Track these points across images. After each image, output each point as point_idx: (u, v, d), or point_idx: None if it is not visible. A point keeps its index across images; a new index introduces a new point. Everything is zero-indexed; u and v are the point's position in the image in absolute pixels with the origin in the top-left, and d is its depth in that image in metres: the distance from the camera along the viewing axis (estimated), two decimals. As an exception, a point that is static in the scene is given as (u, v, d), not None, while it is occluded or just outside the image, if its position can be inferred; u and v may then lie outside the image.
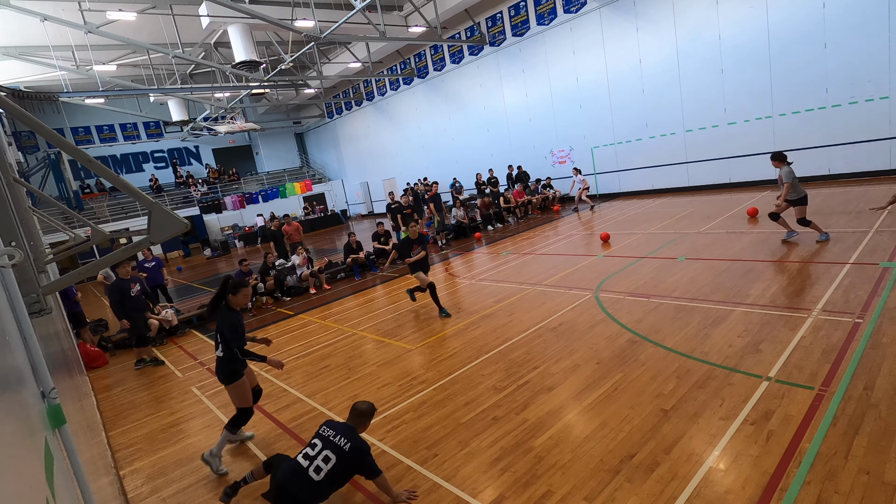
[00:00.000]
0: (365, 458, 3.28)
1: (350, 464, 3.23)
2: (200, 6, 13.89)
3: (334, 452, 3.22)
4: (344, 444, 3.25)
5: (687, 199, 14.13)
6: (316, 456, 3.24)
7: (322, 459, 3.21)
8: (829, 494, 2.80)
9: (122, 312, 7.66)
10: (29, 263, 2.22)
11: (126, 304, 7.63)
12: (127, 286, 7.64)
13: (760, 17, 12.60)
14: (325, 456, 3.22)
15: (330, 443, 3.28)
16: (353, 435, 3.32)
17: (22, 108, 2.41)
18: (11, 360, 1.37)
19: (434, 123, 23.64)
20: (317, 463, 3.20)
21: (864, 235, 7.54)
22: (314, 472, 3.17)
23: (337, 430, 3.35)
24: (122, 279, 7.66)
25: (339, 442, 3.27)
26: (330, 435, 3.32)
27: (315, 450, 3.28)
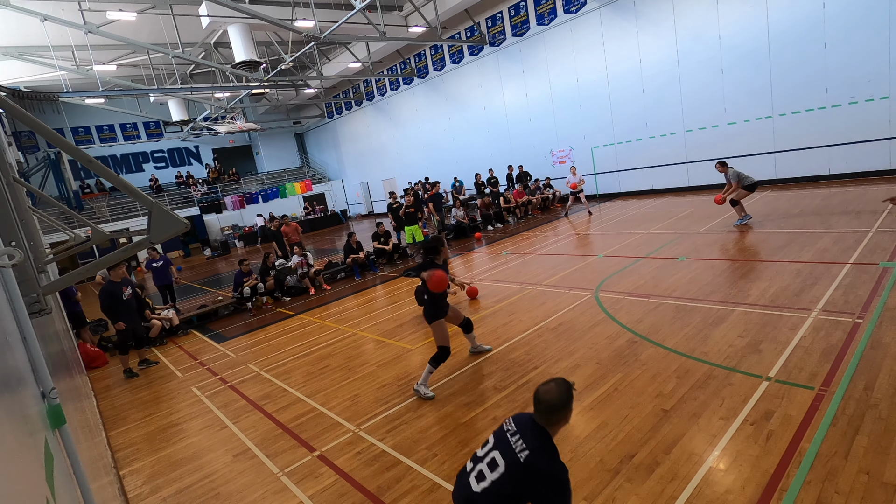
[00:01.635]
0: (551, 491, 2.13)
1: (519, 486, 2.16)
2: (200, 6, 13.89)
3: (504, 457, 2.22)
4: (521, 449, 2.20)
5: (687, 199, 14.13)
6: (483, 457, 2.33)
7: (488, 464, 2.26)
8: (829, 494, 2.80)
9: (115, 316, 7.41)
10: (29, 263, 2.22)
11: (117, 308, 7.36)
12: (119, 290, 7.34)
13: (760, 16, 12.60)
14: (492, 460, 2.26)
15: (504, 442, 2.28)
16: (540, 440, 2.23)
17: (22, 108, 2.41)
18: (11, 360, 1.37)
19: (434, 123, 23.65)
20: (480, 467, 2.29)
21: (864, 235, 7.54)
22: (475, 479, 2.28)
23: (520, 426, 2.32)
24: (114, 282, 7.36)
25: (515, 445, 2.23)
26: (509, 430, 2.33)
27: (484, 448, 2.37)
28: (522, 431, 2.28)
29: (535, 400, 2.29)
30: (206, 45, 18.34)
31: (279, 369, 6.58)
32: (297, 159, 35.19)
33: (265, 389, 5.98)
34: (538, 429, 2.26)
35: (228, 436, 4.98)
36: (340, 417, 4.88)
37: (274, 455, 4.41)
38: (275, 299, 10.95)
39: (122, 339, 7.56)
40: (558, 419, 2.27)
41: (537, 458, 2.16)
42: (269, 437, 4.77)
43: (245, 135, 31.91)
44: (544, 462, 2.16)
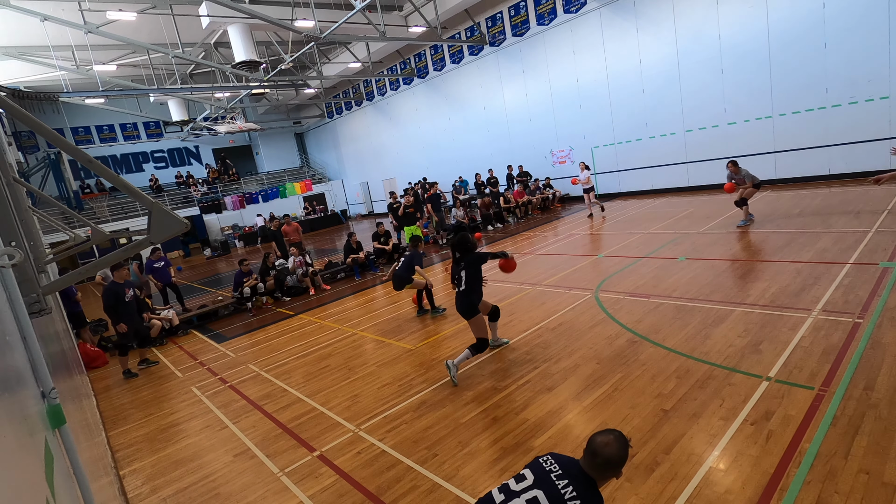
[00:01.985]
0: None
1: None
2: (200, 6, 13.89)
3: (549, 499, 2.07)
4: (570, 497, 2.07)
5: (687, 199, 14.13)
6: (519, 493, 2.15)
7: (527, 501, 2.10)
8: (829, 494, 2.80)
9: (117, 317, 7.45)
10: (29, 263, 2.22)
11: (120, 308, 7.42)
12: (122, 290, 7.41)
13: (760, 16, 12.60)
14: (534, 499, 2.10)
15: (547, 482, 2.14)
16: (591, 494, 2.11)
17: (22, 108, 2.41)
18: (11, 360, 1.37)
19: (434, 123, 23.64)
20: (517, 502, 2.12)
21: (864, 235, 7.54)
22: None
23: (566, 469, 2.17)
24: (117, 283, 7.44)
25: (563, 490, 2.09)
26: (552, 471, 2.18)
27: (521, 484, 2.18)
28: (571, 477, 2.14)
29: (591, 451, 2.14)
30: (206, 45, 18.34)
31: (279, 369, 6.58)
32: (297, 159, 35.19)
33: (265, 389, 5.98)
34: (589, 480, 2.13)
35: (228, 436, 4.98)
36: (340, 417, 4.88)
37: (274, 455, 4.41)
38: (275, 299, 10.95)
39: (123, 341, 7.58)
40: (611, 475, 2.14)
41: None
42: (269, 437, 4.77)
43: (245, 135, 31.91)
44: None
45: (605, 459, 2.10)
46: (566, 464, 2.19)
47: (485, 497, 2.26)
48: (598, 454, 2.11)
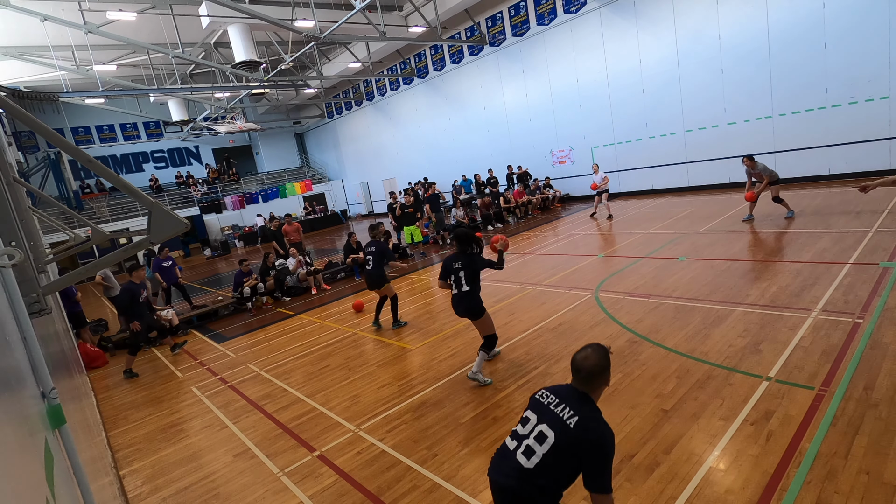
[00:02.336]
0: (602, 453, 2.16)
1: (575, 453, 2.16)
2: (200, 6, 13.89)
3: (553, 427, 2.21)
4: (569, 416, 2.21)
5: (687, 199, 14.13)
6: (528, 434, 2.28)
7: (535, 438, 2.23)
8: (829, 494, 2.80)
9: (132, 316, 7.62)
10: (29, 263, 2.22)
11: (134, 308, 7.64)
12: (139, 290, 7.68)
13: (760, 17, 12.60)
14: (540, 433, 2.22)
15: (548, 413, 2.27)
16: (587, 406, 2.25)
17: (22, 108, 2.41)
18: (11, 360, 1.37)
19: (434, 123, 23.64)
20: (527, 443, 2.24)
21: (864, 235, 7.54)
22: (524, 455, 2.23)
23: (561, 395, 2.32)
24: (135, 283, 7.68)
25: (562, 413, 2.23)
26: (550, 402, 2.32)
27: (527, 425, 2.31)
28: (567, 400, 2.29)
29: (575, 368, 2.32)
30: (206, 45, 18.34)
31: (279, 369, 6.58)
32: (297, 159, 35.19)
33: (265, 389, 5.98)
34: (582, 395, 2.29)
35: (228, 436, 4.98)
36: (340, 417, 4.88)
37: (274, 455, 4.41)
38: (275, 299, 10.95)
39: (135, 339, 7.71)
40: (600, 383, 2.30)
41: (588, 423, 2.18)
42: (269, 437, 4.77)
43: (245, 135, 31.92)
44: (595, 425, 2.18)
45: (588, 371, 2.27)
46: (559, 390, 2.36)
47: (501, 449, 2.37)
48: (582, 369, 2.29)
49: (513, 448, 2.29)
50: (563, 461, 2.16)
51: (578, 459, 2.16)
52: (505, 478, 2.25)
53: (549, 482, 2.16)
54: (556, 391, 2.37)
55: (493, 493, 2.36)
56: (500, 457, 2.34)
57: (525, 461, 2.20)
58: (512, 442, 2.33)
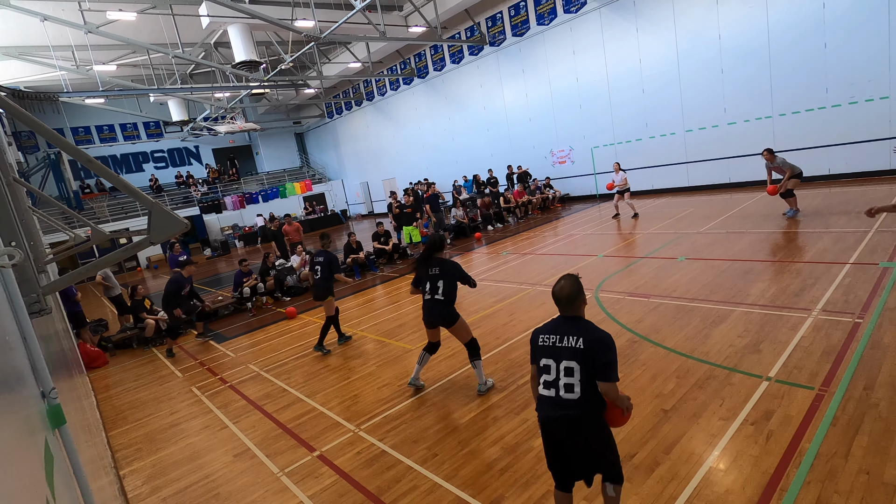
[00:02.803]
0: (609, 352, 2.51)
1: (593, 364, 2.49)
2: (200, 6, 13.89)
3: (572, 358, 2.51)
4: (576, 340, 2.52)
5: (687, 199, 14.13)
6: (558, 376, 2.54)
7: (565, 374, 2.52)
8: (829, 494, 2.80)
9: (175, 305, 8.17)
10: (29, 263, 2.22)
11: (177, 299, 8.21)
12: (185, 285, 8.32)
13: (760, 17, 12.60)
14: (567, 369, 2.52)
15: (560, 350, 2.56)
16: (581, 323, 2.59)
17: (22, 108, 2.41)
18: (11, 360, 1.37)
19: (434, 123, 23.64)
20: (562, 382, 2.51)
21: (864, 235, 7.54)
22: (565, 391, 2.50)
23: (558, 330, 2.61)
24: (183, 277, 8.30)
25: (570, 342, 2.53)
26: (555, 342, 2.59)
27: (551, 371, 2.57)
28: (564, 330, 2.62)
29: (557, 299, 2.67)
30: (206, 45, 18.33)
31: (279, 369, 6.58)
32: (297, 159, 35.19)
33: (265, 389, 5.98)
34: (572, 318, 2.64)
35: (228, 436, 4.98)
36: (340, 417, 4.88)
37: (274, 455, 4.41)
38: (275, 299, 10.94)
39: (176, 325, 8.36)
40: (579, 304, 2.65)
41: (589, 335, 2.55)
42: (269, 437, 4.77)
43: (245, 135, 31.92)
44: (594, 334, 2.56)
45: (567, 297, 2.63)
46: (553, 327, 2.68)
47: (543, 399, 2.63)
48: (562, 297, 2.65)
49: (554, 393, 2.55)
50: (590, 380, 2.50)
51: (596, 371, 2.49)
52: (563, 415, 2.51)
53: (591, 396, 2.50)
54: (551, 329, 2.68)
55: (552, 434, 2.62)
56: (548, 404, 2.58)
57: (571, 395, 2.50)
58: (549, 390, 2.58)
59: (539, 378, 2.65)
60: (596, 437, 2.55)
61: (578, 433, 2.52)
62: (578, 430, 2.52)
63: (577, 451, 2.57)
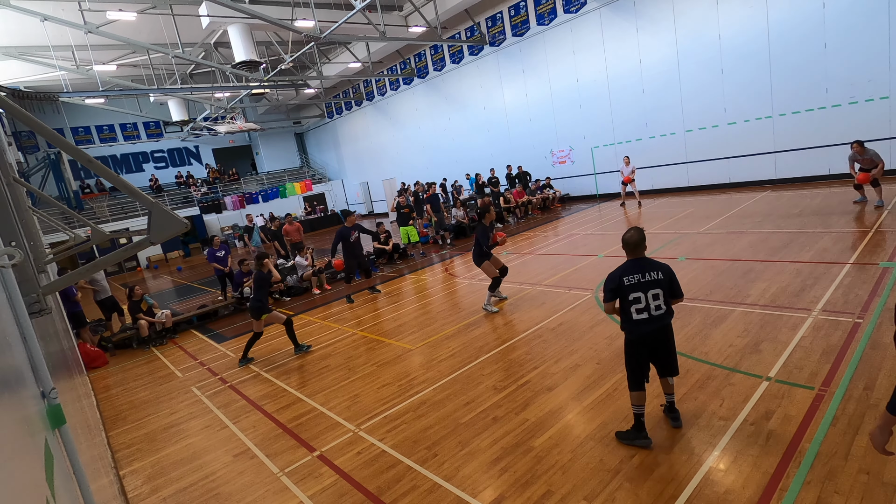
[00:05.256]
0: (673, 274, 3.51)
1: (671, 287, 3.47)
2: (200, 6, 13.89)
3: (657, 287, 3.41)
4: (657, 272, 3.44)
5: (687, 199, 14.14)
6: (649, 302, 3.40)
7: (653, 298, 3.40)
8: (829, 494, 2.80)
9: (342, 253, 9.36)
10: (29, 263, 2.23)
11: (345, 246, 9.26)
12: (349, 233, 9.30)
13: (760, 17, 12.60)
14: (654, 295, 3.40)
15: (646, 284, 3.41)
16: (652, 262, 3.50)
17: (22, 108, 2.41)
18: (11, 360, 1.37)
19: (434, 123, 23.64)
20: (654, 305, 3.41)
21: (865, 235, 7.54)
22: (657, 309, 3.41)
23: (639, 268, 3.45)
24: (347, 227, 9.34)
25: (654, 275, 3.43)
26: (640, 279, 3.42)
27: (642, 301, 3.41)
28: (643, 268, 3.45)
29: (630, 244, 3.51)
30: (206, 45, 18.33)
31: (279, 369, 6.58)
32: (297, 159, 35.20)
33: (265, 389, 5.98)
34: (643, 258, 3.52)
35: (228, 436, 4.98)
36: (340, 417, 4.88)
37: (274, 455, 4.41)
38: (275, 299, 10.94)
39: (349, 271, 9.64)
40: (644, 247, 3.53)
41: (665, 268, 3.50)
42: (269, 437, 4.77)
43: (245, 135, 31.91)
44: (663, 265, 3.51)
45: (636, 243, 3.50)
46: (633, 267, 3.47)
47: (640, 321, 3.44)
48: (632, 243, 3.51)
49: (647, 315, 3.43)
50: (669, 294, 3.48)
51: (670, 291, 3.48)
52: (660, 323, 3.44)
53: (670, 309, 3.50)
54: (631, 269, 3.47)
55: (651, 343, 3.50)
56: (645, 323, 3.44)
57: (660, 311, 3.44)
58: (642, 314, 3.44)
59: (630, 308, 3.44)
60: (673, 337, 3.58)
61: (668, 337, 3.52)
62: (668, 334, 3.51)
63: (666, 351, 3.53)
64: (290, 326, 7.02)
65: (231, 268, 11.22)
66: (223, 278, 11.09)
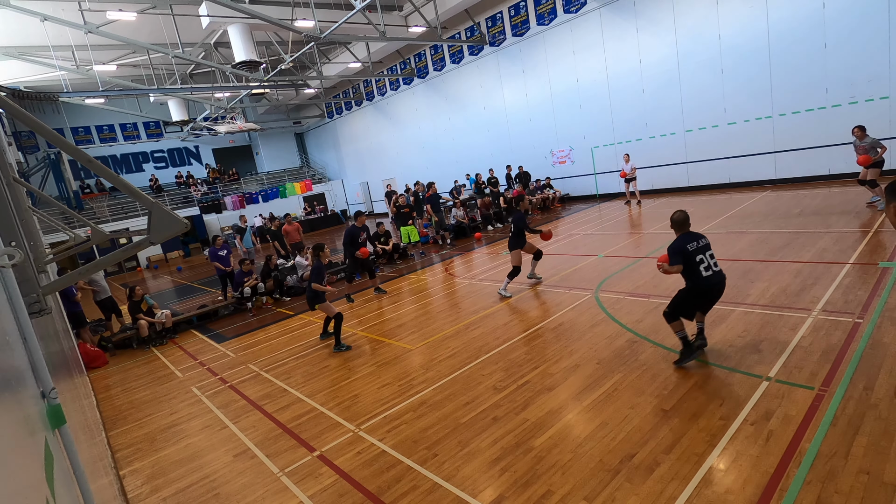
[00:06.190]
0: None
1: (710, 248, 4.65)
2: (200, 6, 13.89)
3: (709, 248, 4.57)
4: (704, 241, 4.57)
5: (687, 199, 14.13)
6: (711, 262, 4.50)
7: (710, 257, 4.54)
8: (829, 494, 2.80)
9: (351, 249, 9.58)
10: (29, 263, 2.22)
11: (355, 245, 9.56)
12: (358, 233, 9.68)
13: (760, 17, 12.60)
14: (710, 255, 4.54)
15: (704, 248, 4.53)
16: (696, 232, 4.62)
17: (22, 108, 2.41)
18: (11, 360, 1.37)
19: (434, 123, 23.64)
20: (712, 262, 4.52)
21: (864, 235, 7.55)
22: (715, 266, 4.53)
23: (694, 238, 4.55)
24: (357, 227, 9.73)
25: (704, 242, 4.56)
26: (699, 244, 4.52)
27: (706, 261, 4.48)
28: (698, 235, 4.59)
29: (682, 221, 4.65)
30: (206, 45, 18.34)
31: (279, 369, 6.58)
32: (297, 159, 35.19)
33: (265, 389, 5.98)
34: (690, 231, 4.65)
35: (228, 436, 4.98)
36: (340, 417, 4.88)
37: (274, 455, 4.41)
38: (275, 299, 10.95)
39: (352, 270, 9.97)
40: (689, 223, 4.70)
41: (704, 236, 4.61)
42: (269, 437, 4.77)
43: (245, 135, 31.91)
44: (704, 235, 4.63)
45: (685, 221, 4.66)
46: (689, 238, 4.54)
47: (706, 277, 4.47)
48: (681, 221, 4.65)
49: (712, 272, 4.48)
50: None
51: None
52: (722, 278, 4.55)
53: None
54: (689, 239, 4.53)
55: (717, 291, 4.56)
56: (714, 276, 4.47)
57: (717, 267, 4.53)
58: (708, 271, 4.47)
59: (698, 268, 4.45)
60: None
61: (725, 286, 4.60)
62: (724, 284, 4.59)
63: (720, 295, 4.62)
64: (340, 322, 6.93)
65: (232, 268, 11.23)
66: (224, 278, 11.09)
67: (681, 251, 4.49)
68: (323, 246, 7.25)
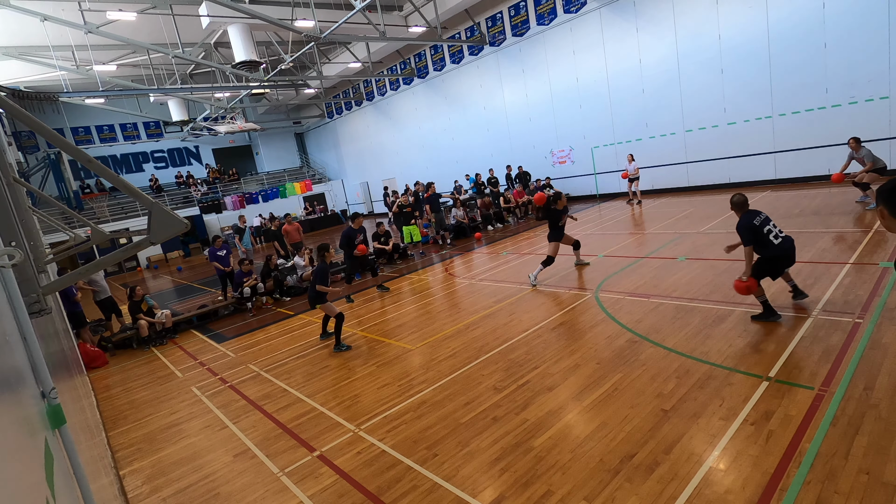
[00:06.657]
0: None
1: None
2: (200, 6, 13.89)
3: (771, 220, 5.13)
4: (765, 215, 5.14)
5: (687, 199, 14.13)
6: (776, 230, 5.09)
7: (775, 226, 5.11)
8: (829, 494, 2.80)
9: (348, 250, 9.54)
10: (29, 263, 2.22)
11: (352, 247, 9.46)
12: (355, 235, 9.53)
13: (760, 17, 12.60)
14: (774, 224, 5.14)
15: (767, 219, 5.12)
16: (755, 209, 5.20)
17: (22, 108, 2.40)
18: (11, 360, 1.37)
19: (434, 123, 23.64)
20: (778, 230, 5.10)
21: (864, 235, 7.55)
22: (781, 233, 5.11)
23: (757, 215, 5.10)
24: (353, 229, 9.59)
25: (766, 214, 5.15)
26: (764, 219, 5.09)
27: (772, 232, 5.05)
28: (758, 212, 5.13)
29: (742, 202, 5.25)
30: (206, 45, 18.32)
31: (279, 369, 6.58)
32: (297, 159, 35.19)
33: (265, 389, 5.98)
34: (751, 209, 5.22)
35: (228, 436, 4.98)
36: (340, 417, 4.88)
37: (274, 455, 4.41)
38: (275, 299, 10.95)
39: (351, 270, 9.95)
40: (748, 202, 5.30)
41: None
42: (269, 437, 4.77)
43: (245, 135, 31.91)
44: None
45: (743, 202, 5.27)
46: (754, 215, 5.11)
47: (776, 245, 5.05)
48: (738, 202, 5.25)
49: (780, 238, 5.06)
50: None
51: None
52: (792, 243, 5.12)
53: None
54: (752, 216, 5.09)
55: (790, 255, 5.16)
56: (784, 240, 5.07)
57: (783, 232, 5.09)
58: (778, 238, 5.04)
59: (768, 238, 5.00)
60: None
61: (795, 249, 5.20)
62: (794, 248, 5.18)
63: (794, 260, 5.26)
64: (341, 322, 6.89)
65: (232, 268, 11.23)
66: (224, 278, 11.09)
67: (750, 227, 4.98)
68: (328, 246, 7.21)
